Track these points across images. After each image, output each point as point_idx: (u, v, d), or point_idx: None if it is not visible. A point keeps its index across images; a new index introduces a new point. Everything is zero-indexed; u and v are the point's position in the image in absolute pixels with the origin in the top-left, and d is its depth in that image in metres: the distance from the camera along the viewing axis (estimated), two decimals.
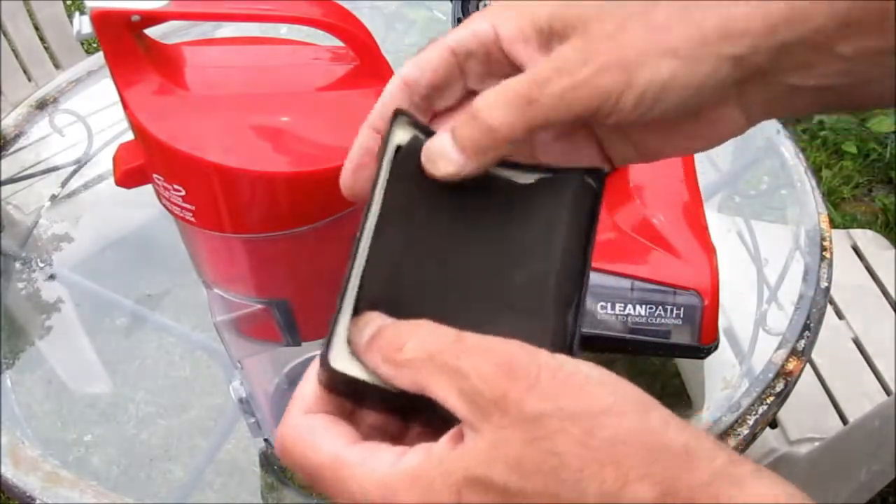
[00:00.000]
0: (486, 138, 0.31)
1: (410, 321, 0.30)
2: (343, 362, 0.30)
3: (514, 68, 0.32)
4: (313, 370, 0.32)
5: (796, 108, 0.33)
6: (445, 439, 0.27)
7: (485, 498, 0.26)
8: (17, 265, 0.84)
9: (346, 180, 0.35)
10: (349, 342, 0.31)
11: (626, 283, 0.65)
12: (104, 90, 1.01)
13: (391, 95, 0.34)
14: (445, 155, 0.31)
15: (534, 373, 0.26)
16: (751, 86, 0.32)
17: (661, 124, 0.33)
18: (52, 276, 0.84)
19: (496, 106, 0.30)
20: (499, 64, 0.33)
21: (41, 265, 0.85)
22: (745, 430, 0.66)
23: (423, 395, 0.28)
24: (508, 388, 0.26)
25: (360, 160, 0.35)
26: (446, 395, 0.27)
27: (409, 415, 0.31)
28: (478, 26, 0.33)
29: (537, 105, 0.30)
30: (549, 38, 0.32)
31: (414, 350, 0.28)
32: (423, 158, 0.32)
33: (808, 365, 0.75)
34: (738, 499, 0.25)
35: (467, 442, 0.26)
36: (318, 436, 0.29)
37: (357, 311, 0.31)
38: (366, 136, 0.34)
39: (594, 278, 0.66)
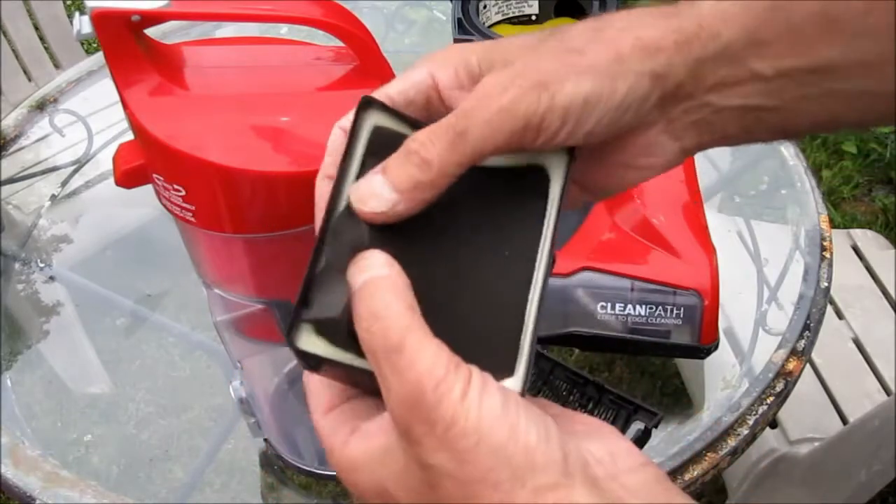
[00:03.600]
0: (422, 174, 0.31)
1: (394, 293, 0.29)
2: (312, 342, 0.31)
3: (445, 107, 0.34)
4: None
5: (728, 132, 0.34)
6: (380, 438, 0.30)
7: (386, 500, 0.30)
8: (18, 265, 0.84)
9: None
10: (319, 326, 0.31)
11: (626, 283, 0.65)
12: (104, 90, 1.00)
13: (334, 145, 0.34)
14: (377, 194, 0.31)
15: (432, 420, 0.27)
16: (674, 107, 0.33)
17: (595, 154, 0.34)
18: (51, 277, 0.84)
19: (429, 142, 0.31)
20: (438, 112, 0.34)
21: (41, 265, 0.85)
22: (745, 430, 0.66)
23: None
24: (411, 425, 0.27)
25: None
26: (382, 388, 0.28)
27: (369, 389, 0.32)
28: (416, 76, 0.34)
29: (468, 135, 0.30)
30: (479, 78, 0.32)
31: (378, 329, 0.28)
32: (353, 198, 0.31)
33: (808, 365, 0.75)
34: None
35: (392, 450, 0.29)
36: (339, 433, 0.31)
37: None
38: (319, 186, 0.35)
39: (595, 278, 0.66)
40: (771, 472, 1.14)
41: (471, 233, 0.33)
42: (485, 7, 0.71)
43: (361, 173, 0.32)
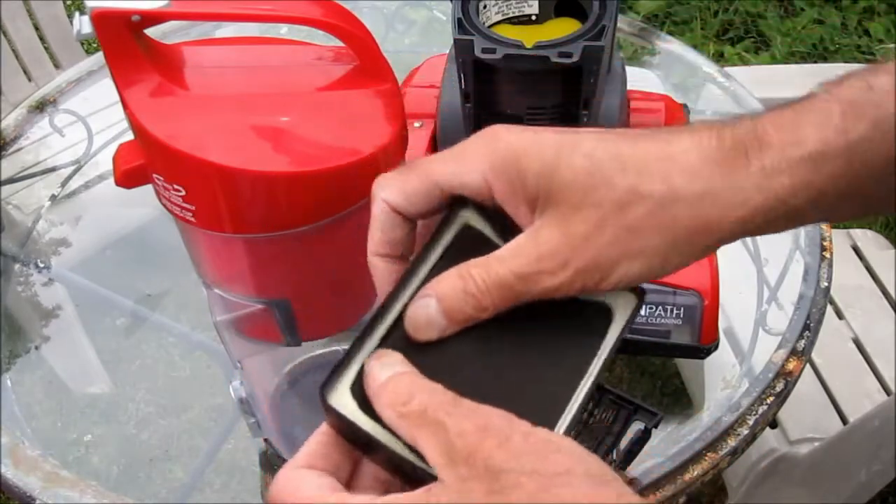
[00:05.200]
0: (476, 314, 0.33)
1: (426, 382, 0.31)
2: (343, 402, 0.32)
3: (498, 207, 0.34)
4: (322, 427, 0.33)
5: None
6: (420, 490, 0.30)
7: None
8: (17, 265, 0.84)
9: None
10: (362, 374, 0.32)
11: None
12: (104, 90, 1.00)
13: (381, 223, 0.35)
14: (432, 324, 0.33)
15: (506, 433, 0.29)
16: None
17: None
18: (51, 277, 0.84)
19: (488, 291, 0.33)
20: (488, 205, 0.35)
21: (41, 265, 0.85)
22: (745, 430, 0.66)
23: (415, 447, 0.30)
24: (480, 444, 0.29)
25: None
26: (426, 445, 0.29)
27: (398, 470, 0.32)
28: (469, 177, 0.34)
29: (520, 294, 0.33)
30: (535, 199, 0.33)
31: (416, 404, 0.30)
32: (408, 322, 0.33)
33: (808, 365, 0.75)
34: None
35: (434, 489, 0.29)
36: (301, 487, 0.32)
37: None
38: (374, 265, 0.36)
39: None
40: (771, 472, 1.14)
41: (516, 348, 0.34)
42: (485, 7, 0.71)
43: (436, 267, 0.34)
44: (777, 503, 1.19)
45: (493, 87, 0.71)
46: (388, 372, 0.32)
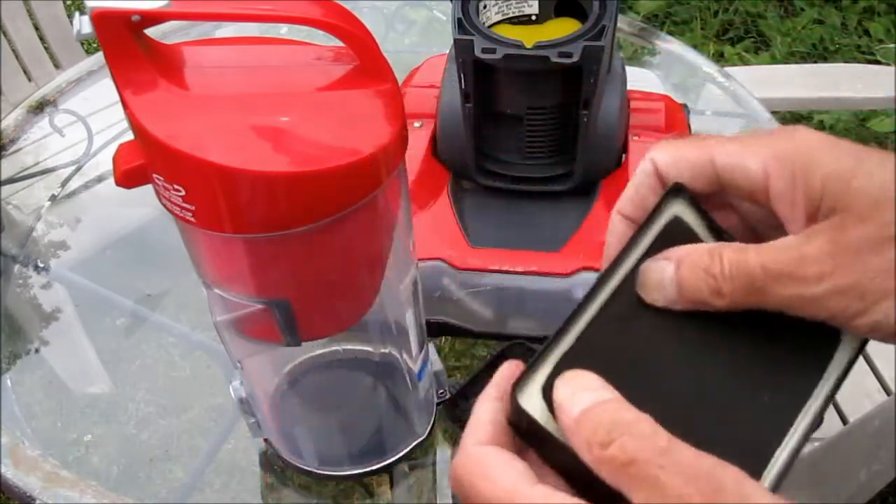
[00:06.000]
0: (709, 298, 0.31)
1: (629, 413, 0.28)
2: (532, 403, 0.30)
3: (769, 210, 0.32)
4: (486, 396, 0.32)
5: None
6: None
7: None
8: (17, 265, 0.84)
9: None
10: (549, 388, 0.30)
11: None
12: (104, 90, 1.01)
13: (639, 182, 0.34)
14: (663, 289, 0.32)
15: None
16: None
17: None
18: (51, 277, 0.84)
19: (731, 277, 0.31)
20: (757, 199, 0.32)
21: (41, 265, 0.85)
22: None
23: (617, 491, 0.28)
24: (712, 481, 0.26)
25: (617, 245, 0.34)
26: (637, 498, 0.27)
27: (584, 485, 0.30)
28: (752, 164, 0.32)
29: (766, 296, 0.30)
30: (816, 201, 0.30)
31: (620, 449, 0.27)
32: (641, 278, 0.32)
33: None
34: None
35: None
36: (494, 468, 0.30)
37: (563, 363, 0.31)
38: (613, 222, 0.35)
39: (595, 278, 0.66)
40: None
41: (731, 357, 0.32)
42: (485, 7, 0.71)
43: (645, 256, 0.33)
44: None
45: (493, 87, 0.71)
46: (581, 404, 0.29)
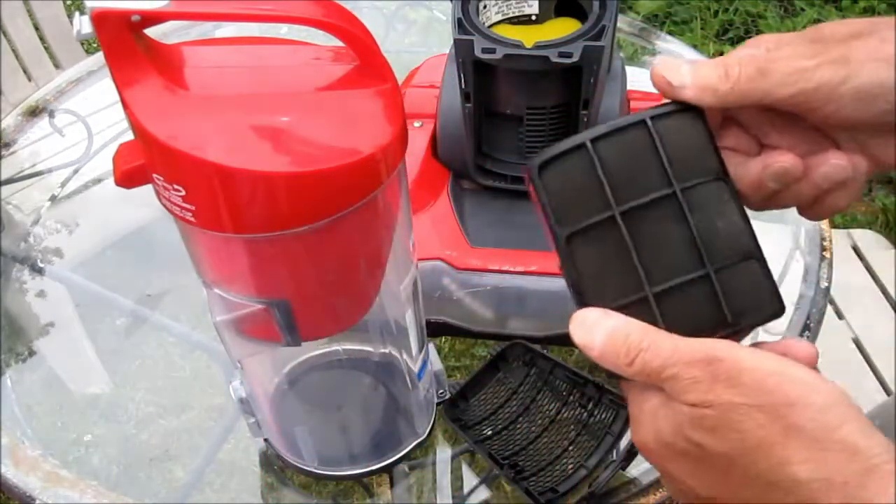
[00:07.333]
0: (717, 83, 0.37)
1: (635, 334, 0.37)
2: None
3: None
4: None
5: None
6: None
7: (689, 448, 0.36)
8: (17, 265, 0.84)
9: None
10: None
11: None
12: (104, 90, 1.01)
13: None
14: (677, 71, 0.38)
15: (735, 375, 0.34)
16: None
17: (882, 128, 0.38)
18: (51, 277, 0.84)
19: (741, 63, 0.37)
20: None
21: (41, 265, 0.85)
22: None
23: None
24: (712, 386, 0.34)
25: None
26: (672, 391, 0.36)
27: None
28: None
29: (767, 77, 0.36)
30: None
31: (643, 366, 0.36)
32: (658, 65, 0.38)
33: None
34: (882, 498, 0.30)
35: (681, 408, 0.35)
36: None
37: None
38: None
39: None
40: None
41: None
42: (485, 7, 0.71)
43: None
44: None
45: (493, 88, 0.71)
46: (598, 339, 0.37)
